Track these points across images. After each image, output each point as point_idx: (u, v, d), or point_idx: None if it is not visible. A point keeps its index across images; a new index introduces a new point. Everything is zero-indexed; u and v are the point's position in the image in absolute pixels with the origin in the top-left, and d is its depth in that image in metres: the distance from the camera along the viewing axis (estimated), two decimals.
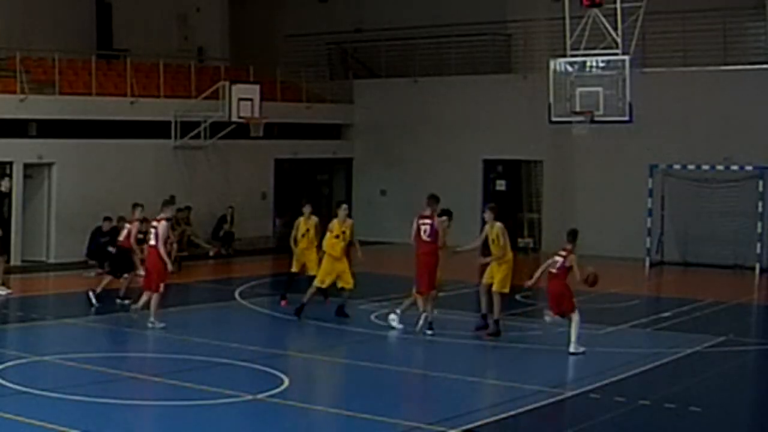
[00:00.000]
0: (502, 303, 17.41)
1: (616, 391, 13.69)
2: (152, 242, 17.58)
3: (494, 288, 17.32)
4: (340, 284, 18.76)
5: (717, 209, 27.61)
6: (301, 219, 20.11)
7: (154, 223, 17.66)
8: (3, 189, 22.02)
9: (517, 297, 22.43)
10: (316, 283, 18.75)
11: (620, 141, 27.84)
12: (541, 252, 30.58)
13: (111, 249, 24.39)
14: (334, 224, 18.84)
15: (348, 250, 19.04)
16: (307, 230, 19.90)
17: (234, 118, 27.90)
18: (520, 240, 31.14)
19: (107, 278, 20.37)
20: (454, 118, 31.95)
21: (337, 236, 18.63)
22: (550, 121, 23.18)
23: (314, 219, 20.02)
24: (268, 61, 32.82)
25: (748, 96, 27.63)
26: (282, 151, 31.62)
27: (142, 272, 24.37)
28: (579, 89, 22.13)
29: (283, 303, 20.11)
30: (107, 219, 24.76)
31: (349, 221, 19.11)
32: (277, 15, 36.35)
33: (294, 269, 20.18)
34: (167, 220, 17.77)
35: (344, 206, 19.51)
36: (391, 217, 32.57)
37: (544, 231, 31.04)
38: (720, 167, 27.43)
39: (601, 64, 22.09)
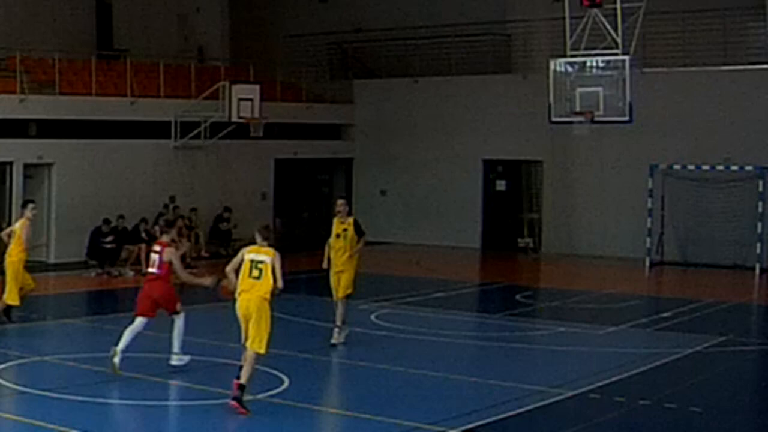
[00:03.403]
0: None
1: (616, 391, 13.69)
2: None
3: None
4: None
5: (717, 209, 27.61)
6: None
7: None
8: None
9: (517, 297, 22.47)
10: None
11: (620, 141, 27.84)
12: (541, 252, 30.65)
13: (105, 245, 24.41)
14: None
15: None
16: None
17: (234, 118, 27.90)
18: (520, 240, 31.16)
19: None
20: (454, 118, 31.94)
21: None
22: (550, 121, 23.19)
23: None
24: (268, 61, 32.82)
25: (748, 96, 27.61)
26: (282, 151, 31.61)
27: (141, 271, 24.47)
28: (579, 89, 22.14)
29: None
30: (106, 221, 24.79)
31: None
32: (277, 15, 36.35)
33: None
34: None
35: None
36: (391, 217, 32.60)
37: (544, 231, 31.04)
38: (720, 167, 27.41)
39: (601, 64, 22.11)
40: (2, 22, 28.33)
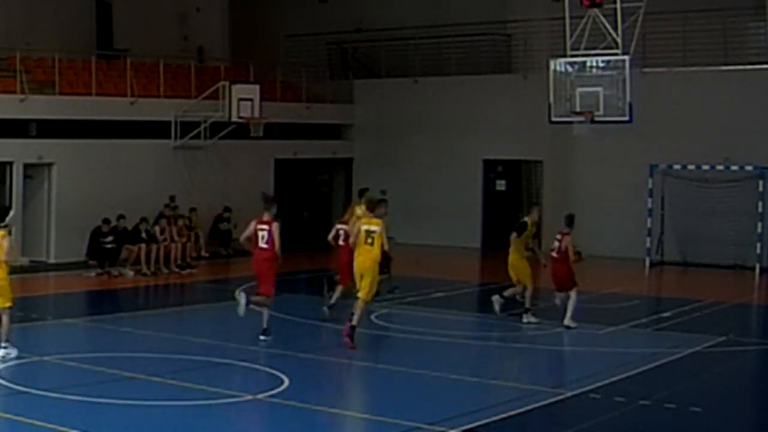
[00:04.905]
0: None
1: (616, 391, 13.69)
2: None
3: None
4: None
5: (717, 209, 27.61)
6: None
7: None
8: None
9: (518, 297, 22.44)
10: None
11: (620, 141, 27.85)
12: (541, 252, 30.61)
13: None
14: None
15: None
16: None
17: (234, 118, 27.90)
18: None
19: None
20: (454, 118, 31.94)
21: None
22: (550, 121, 23.18)
23: None
24: (268, 61, 32.82)
25: (748, 96, 27.62)
26: (282, 151, 31.60)
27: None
28: (579, 89, 22.13)
29: None
30: (106, 221, 24.78)
31: None
32: (277, 15, 36.36)
33: None
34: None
35: None
36: (391, 217, 32.52)
37: (544, 231, 31.00)
38: (720, 167, 27.43)
39: (601, 64, 22.09)
40: (2, 22, 28.31)
